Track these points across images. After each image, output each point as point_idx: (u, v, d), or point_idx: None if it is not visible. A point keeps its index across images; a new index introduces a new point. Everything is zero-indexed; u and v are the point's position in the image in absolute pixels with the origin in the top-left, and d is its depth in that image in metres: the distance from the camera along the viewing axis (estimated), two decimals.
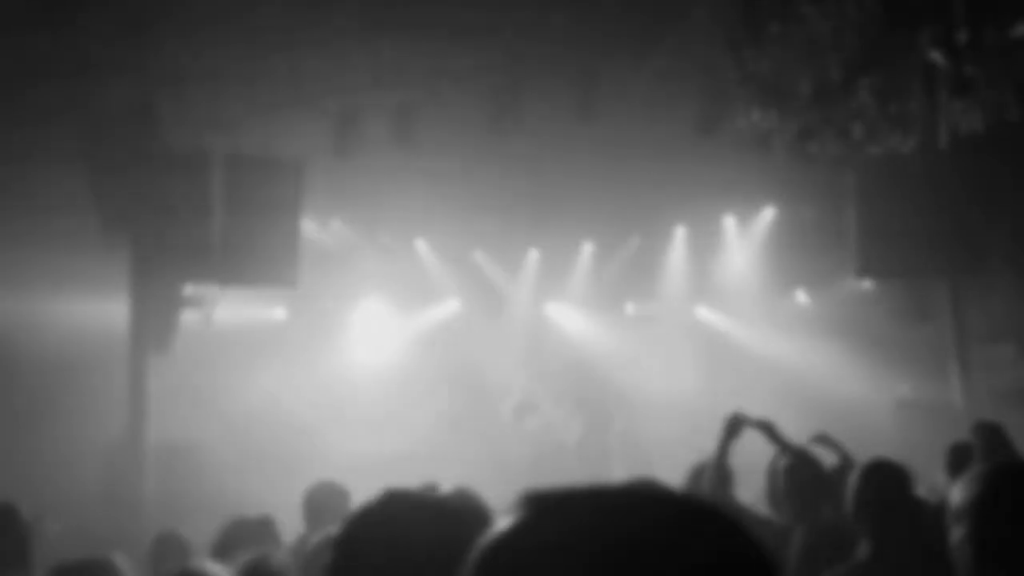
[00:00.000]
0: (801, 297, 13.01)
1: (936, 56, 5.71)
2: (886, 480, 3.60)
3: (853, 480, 3.68)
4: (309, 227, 10.48)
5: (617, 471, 10.97)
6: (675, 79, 9.57)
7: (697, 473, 5.23)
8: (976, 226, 10.22)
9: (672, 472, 5.81)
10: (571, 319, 13.42)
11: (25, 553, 3.47)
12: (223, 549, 4.12)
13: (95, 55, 8.85)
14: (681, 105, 9.87)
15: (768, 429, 4.91)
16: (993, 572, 2.21)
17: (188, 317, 9.87)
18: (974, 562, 2.24)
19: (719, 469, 4.90)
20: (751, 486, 5.38)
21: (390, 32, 9.26)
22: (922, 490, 4.56)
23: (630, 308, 13.65)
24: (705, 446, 5.18)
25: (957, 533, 2.29)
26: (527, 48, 9.46)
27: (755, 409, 5.04)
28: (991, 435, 4.91)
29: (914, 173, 9.74)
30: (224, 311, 10.95)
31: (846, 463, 4.87)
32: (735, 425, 4.91)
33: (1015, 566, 2.18)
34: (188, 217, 9.15)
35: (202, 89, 9.20)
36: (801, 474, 4.54)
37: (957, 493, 2.34)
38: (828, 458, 5.07)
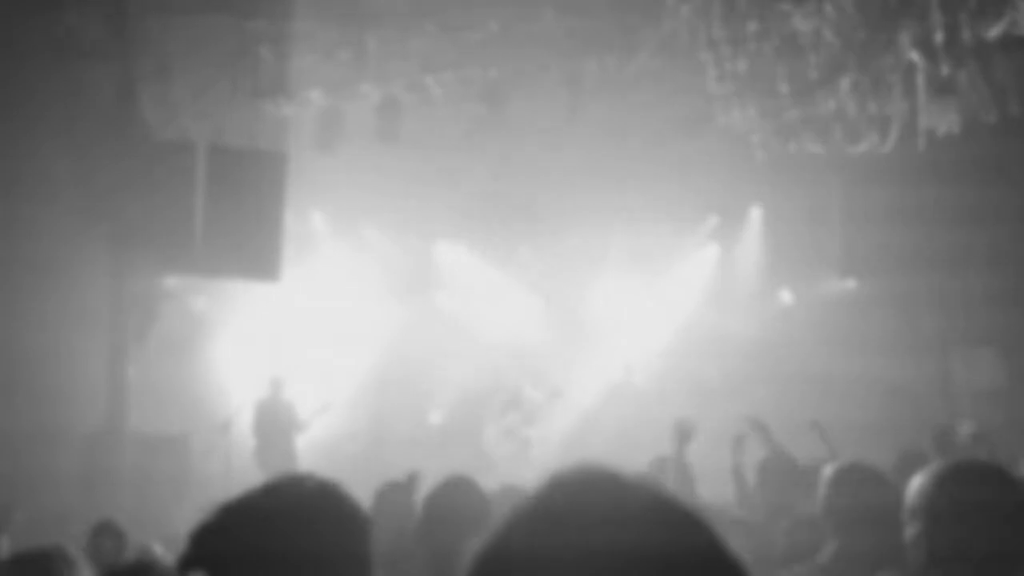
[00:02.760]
0: (786, 296, 13.03)
1: (915, 57, 5.73)
2: (855, 485, 3.57)
3: (823, 481, 3.67)
4: (290, 219, 10.44)
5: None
6: (661, 78, 9.57)
7: (658, 469, 5.24)
8: (957, 226, 10.27)
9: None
10: (560, 317, 13.40)
11: None
12: None
13: (80, 42, 8.82)
14: (667, 104, 9.88)
15: (760, 426, 4.96)
16: (944, 569, 2.22)
17: (169, 306, 9.85)
18: (926, 559, 2.26)
19: (681, 472, 4.91)
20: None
21: (376, 26, 9.26)
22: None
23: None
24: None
25: (911, 530, 2.31)
26: (513, 45, 9.46)
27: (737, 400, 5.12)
28: (942, 438, 4.92)
29: (897, 174, 9.78)
30: (205, 302, 10.94)
31: (830, 457, 4.89)
32: (685, 431, 4.94)
33: (966, 564, 2.20)
34: (170, 207, 9.10)
35: (186, 80, 9.17)
36: (774, 469, 4.54)
37: (912, 491, 2.36)
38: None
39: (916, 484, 2.35)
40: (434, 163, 10.73)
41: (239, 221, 9.29)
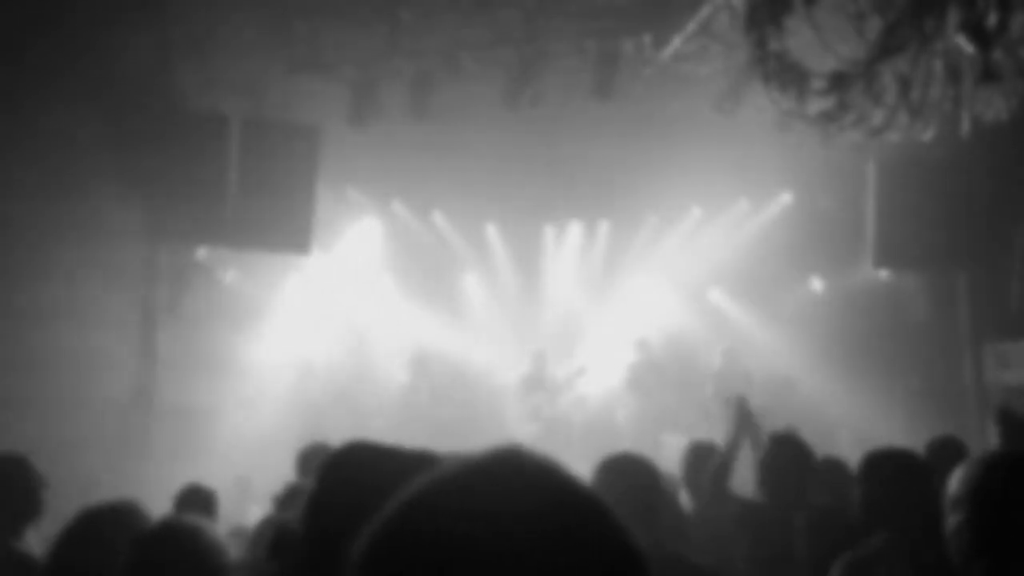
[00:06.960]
0: (816, 285, 12.91)
1: (963, 42, 5.61)
2: (897, 469, 3.51)
3: (862, 468, 3.60)
4: (323, 194, 10.47)
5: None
6: (695, 59, 9.46)
7: (697, 455, 5.16)
8: (995, 218, 10.12)
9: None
10: (587, 297, 13.36)
11: (38, 505, 3.49)
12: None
13: (114, 14, 8.83)
14: (700, 85, 9.76)
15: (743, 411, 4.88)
16: (989, 559, 2.19)
17: (201, 278, 9.92)
18: (970, 548, 2.22)
19: (726, 463, 4.83)
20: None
21: (409, 1, 9.20)
22: None
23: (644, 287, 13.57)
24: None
25: (954, 519, 2.27)
26: (547, 22, 9.38)
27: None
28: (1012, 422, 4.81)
29: (935, 163, 9.64)
30: (238, 274, 11.00)
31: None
32: (745, 413, 4.86)
33: (1011, 553, 2.16)
34: (203, 179, 9.16)
35: (221, 52, 9.17)
36: (781, 457, 4.46)
37: (955, 480, 2.32)
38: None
39: (962, 472, 2.31)
40: (466, 139, 10.70)
41: (271, 194, 9.35)
